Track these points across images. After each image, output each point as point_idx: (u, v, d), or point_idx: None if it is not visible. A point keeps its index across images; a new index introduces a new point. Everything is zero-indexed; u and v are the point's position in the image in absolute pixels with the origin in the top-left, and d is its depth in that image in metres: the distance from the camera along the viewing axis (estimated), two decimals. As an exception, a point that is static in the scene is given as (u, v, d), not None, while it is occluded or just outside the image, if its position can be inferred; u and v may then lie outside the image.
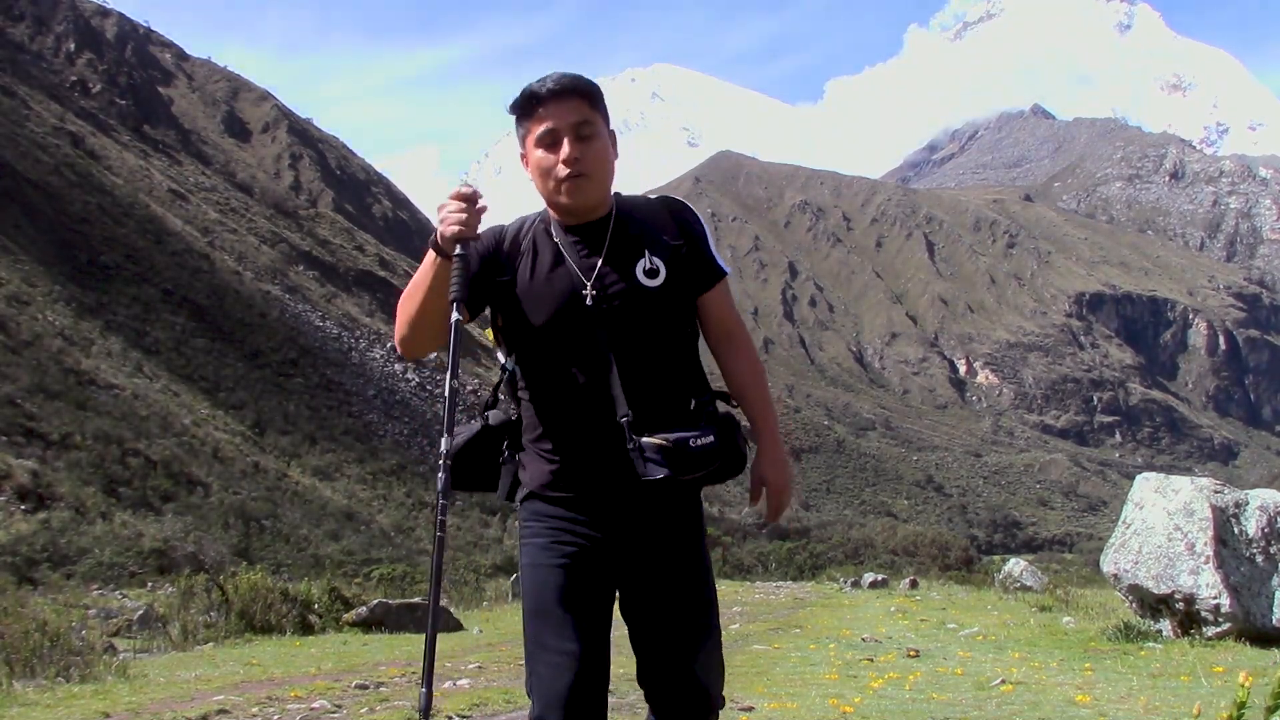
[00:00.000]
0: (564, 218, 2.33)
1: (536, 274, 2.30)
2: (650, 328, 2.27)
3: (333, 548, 28.44)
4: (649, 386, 2.26)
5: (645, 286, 2.27)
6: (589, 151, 2.27)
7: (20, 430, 25.24)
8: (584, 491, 2.29)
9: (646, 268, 2.28)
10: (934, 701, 5.18)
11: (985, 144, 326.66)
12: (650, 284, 2.27)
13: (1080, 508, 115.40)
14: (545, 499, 2.32)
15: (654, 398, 2.26)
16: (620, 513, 2.27)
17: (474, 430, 2.38)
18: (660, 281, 2.28)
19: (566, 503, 2.30)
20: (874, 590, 19.06)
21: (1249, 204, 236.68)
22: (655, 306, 2.27)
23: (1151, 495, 7.53)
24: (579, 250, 2.31)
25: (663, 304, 2.28)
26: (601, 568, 2.28)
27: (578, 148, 2.26)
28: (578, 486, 2.29)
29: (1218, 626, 6.95)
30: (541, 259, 2.32)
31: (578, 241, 2.32)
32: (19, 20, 73.36)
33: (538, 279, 2.30)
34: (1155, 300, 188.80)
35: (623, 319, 2.25)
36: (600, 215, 2.33)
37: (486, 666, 7.45)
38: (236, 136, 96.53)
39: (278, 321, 50.53)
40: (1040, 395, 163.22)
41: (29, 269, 39.00)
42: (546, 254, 2.32)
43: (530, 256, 2.33)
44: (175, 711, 5.26)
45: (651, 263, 2.28)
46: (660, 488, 2.22)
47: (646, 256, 2.29)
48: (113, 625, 10.82)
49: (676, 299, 2.30)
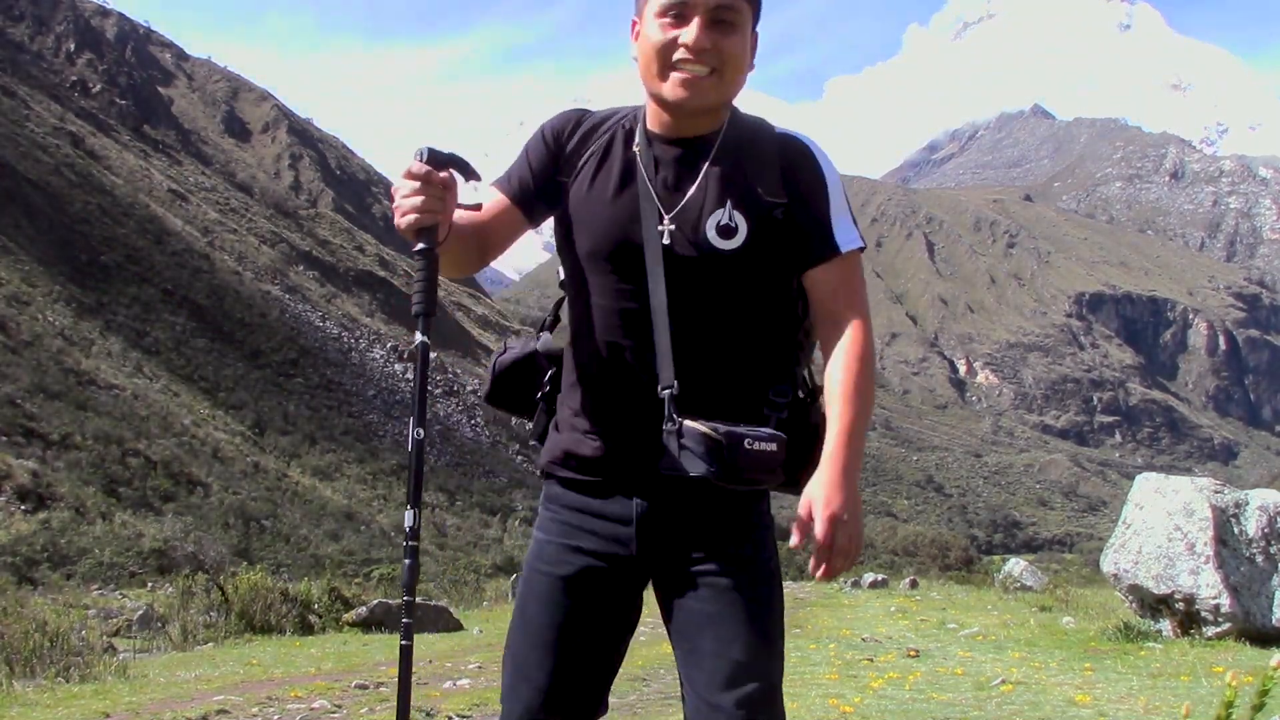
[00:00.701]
0: (659, 122, 1.82)
1: (596, 187, 1.82)
2: (722, 296, 1.77)
3: (333, 548, 28.45)
4: (710, 363, 1.77)
5: (714, 248, 1.75)
6: (724, 43, 1.74)
7: (20, 430, 25.25)
8: (609, 477, 1.82)
9: (721, 223, 1.75)
10: (934, 701, 5.18)
11: (985, 144, 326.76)
12: (722, 245, 1.75)
13: (1080, 508, 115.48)
14: (564, 482, 1.87)
15: (714, 378, 1.77)
16: (653, 514, 1.79)
17: (524, 350, 1.96)
18: (736, 244, 1.75)
19: (587, 489, 1.84)
20: (874, 590, 19.06)
21: (1249, 204, 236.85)
22: (724, 274, 1.76)
23: (1151, 495, 7.53)
24: (660, 172, 1.80)
25: (736, 273, 1.76)
26: (618, 584, 1.82)
27: (711, 34, 1.73)
28: (602, 469, 1.82)
29: (1218, 626, 6.95)
30: (609, 170, 1.83)
31: (663, 160, 1.80)
32: (19, 20, 73.40)
33: (596, 193, 1.82)
34: (1155, 300, 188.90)
35: (690, 275, 1.75)
36: (705, 131, 1.81)
37: (486, 666, 7.45)
38: (236, 136, 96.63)
39: (278, 321, 50.56)
40: (1040, 395, 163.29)
41: (29, 269, 39.01)
42: (616, 165, 1.82)
43: (597, 161, 1.84)
44: (175, 711, 5.26)
45: (731, 218, 1.76)
46: (696, 489, 1.73)
47: (727, 208, 1.76)
48: (113, 625, 10.82)
49: (756, 269, 1.77)
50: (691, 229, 1.76)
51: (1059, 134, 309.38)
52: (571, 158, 1.86)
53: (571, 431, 1.86)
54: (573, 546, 1.83)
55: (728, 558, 1.77)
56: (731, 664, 1.71)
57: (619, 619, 1.85)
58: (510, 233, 1.91)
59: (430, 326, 1.77)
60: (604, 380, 1.82)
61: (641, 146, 1.82)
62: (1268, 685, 1.02)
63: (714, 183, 1.78)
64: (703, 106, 1.77)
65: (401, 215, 1.71)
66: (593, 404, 1.83)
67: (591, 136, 1.87)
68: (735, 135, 1.81)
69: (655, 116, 1.83)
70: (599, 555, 1.81)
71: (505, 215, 1.88)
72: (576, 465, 1.85)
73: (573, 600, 1.81)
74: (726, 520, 1.79)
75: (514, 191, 1.88)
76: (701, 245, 1.75)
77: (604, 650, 1.84)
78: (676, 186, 1.78)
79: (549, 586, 1.83)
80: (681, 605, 1.78)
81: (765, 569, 1.80)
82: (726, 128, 1.81)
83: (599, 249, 1.80)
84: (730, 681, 1.70)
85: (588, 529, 1.83)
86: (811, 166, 1.80)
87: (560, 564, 1.83)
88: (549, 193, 1.87)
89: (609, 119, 1.88)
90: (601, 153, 1.85)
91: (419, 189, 1.70)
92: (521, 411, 1.98)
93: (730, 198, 1.76)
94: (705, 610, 1.76)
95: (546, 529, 1.87)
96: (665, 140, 1.81)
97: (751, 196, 1.77)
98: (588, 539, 1.82)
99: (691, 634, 1.77)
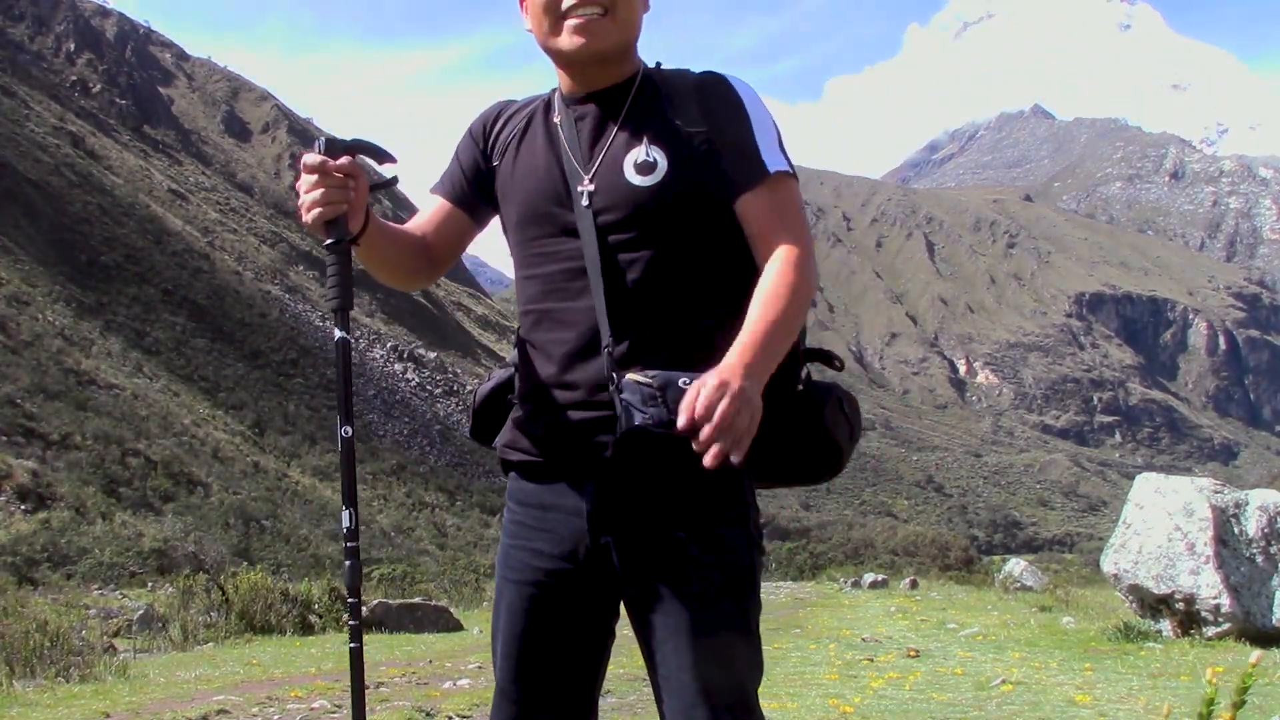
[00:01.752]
0: (569, 85, 1.76)
1: (520, 160, 1.78)
2: (654, 238, 1.67)
3: (333, 548, 28.43)
4: (654, 316, 1.66)
5: (634, 185, 1.67)
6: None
7: (20, 430, 25.26)
8: (555, 459, 1.71)
9: (639, 160, 1.68)
10: (934, 701, 5.18)
11: (985, 144, 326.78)
12: (641, 182, 1.67)
13: (1080, 508, 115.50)
14: (519, 469, 1.78)
15: (660, 332, 1.66)
16: (606, 502, 1.67)
17: (504, 375, 1.85)
18: (657, 179, 1.67)
19: (538, 474, 1.74)
20: (874, 590, 19.06)
21: (1249, 204, 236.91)
22: (649, 213, 1.66)
23: (1151, 495, 7.53)
24: (579, 131, 1.74)
25: (660, 210, 1.67)
26: (582, 588, 1.71)
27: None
28: (548, 449, 1.72)
29: (1218, 626, 6.95)
30: (532, 142, 1.78)
31: (581, 119, 1.74)
32: (19, 20, 73.40)
33: (521, 166, 1.77)
34: (1155, 300, 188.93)
35: (618, 225, 1.67)
36: (617, 81, 1.74)
37: (486, 667, 7.45)
38: (236, 136, 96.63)
39: (278, 321, 50.56)
40: (1040, 395, 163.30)
41: (29, 269, 39.02)
42: (539, 136, 1.77)
43: (519, 137, 1.80)
44: (175, 711, 5.26)
45: (648, 153, 1.68)
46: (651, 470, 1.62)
47: (645, 145, 1.68)
48: (113, 625, 10.81)
49: (684, 204, 1.67)
50: (614, 175, 1.68)
51: (1059, 134, 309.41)
52: (495, 144, 1.82)
53: (519, 411, 1.77)
54: (532, 549, 1.72)
55: (691, 556, 1.63)
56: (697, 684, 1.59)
57: (591, 625, 1.73)
58: (458, 237, 1.87)
59: (348, 321, 1.72)
60: (548, 355, 1.72)
61: (561, 113, 1.76)
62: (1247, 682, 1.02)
63: (630, 125, 1.71)
64: (603, 50, 1.69)
65: (305, 211, 1.64)
66: (538, 383, 1.73)
67: (514, 119, 1.82)
68: (651, 80, 1.74)
69: (565, 80, 1.77)
70: (557, 557, 1.70)
71: (449, 220, 1.84)
72: (525, 446, 1.75)
73: (536, 609, 1.71)
74: (691, 508, 1.64)
75: (451, 193, 1.85)
76: (621, 188, 1.67)
77: (578, 660, 1.73)
78: (597, 140, 1.72)
79: (514, 595, 1.74)
80: (643, 608, 1.65)
81: (738, 567, 1.65)
82: (641, 75, 1.75)
83: (527, 217, 1.74)
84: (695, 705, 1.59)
85: (544, 528, 1.72)
86: (729, 94, 1.71)
87: (522, 569, 1.73)
88: (484, 187, 1.82)
89: (531, 102, 1.84)
90: (523, 129, 1.80)
91: (317, 181, 1.64)
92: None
93: (647, 134, 1.69)
94: (667, 619, 1.62)
95: (508, 531, 1.78)
96: (580, 100, 1.75)
97: (670, 129, 1.69)
98: (545, 539, 1.72)
99: (653, 644, 1.65)
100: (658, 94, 1.73)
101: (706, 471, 1.46)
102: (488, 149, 1.83)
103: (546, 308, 1.72)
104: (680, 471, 1.60)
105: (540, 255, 1.73)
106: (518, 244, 1.77)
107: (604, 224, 1.67)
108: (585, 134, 1.73)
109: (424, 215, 1.86)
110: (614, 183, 1.68)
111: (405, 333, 60.96)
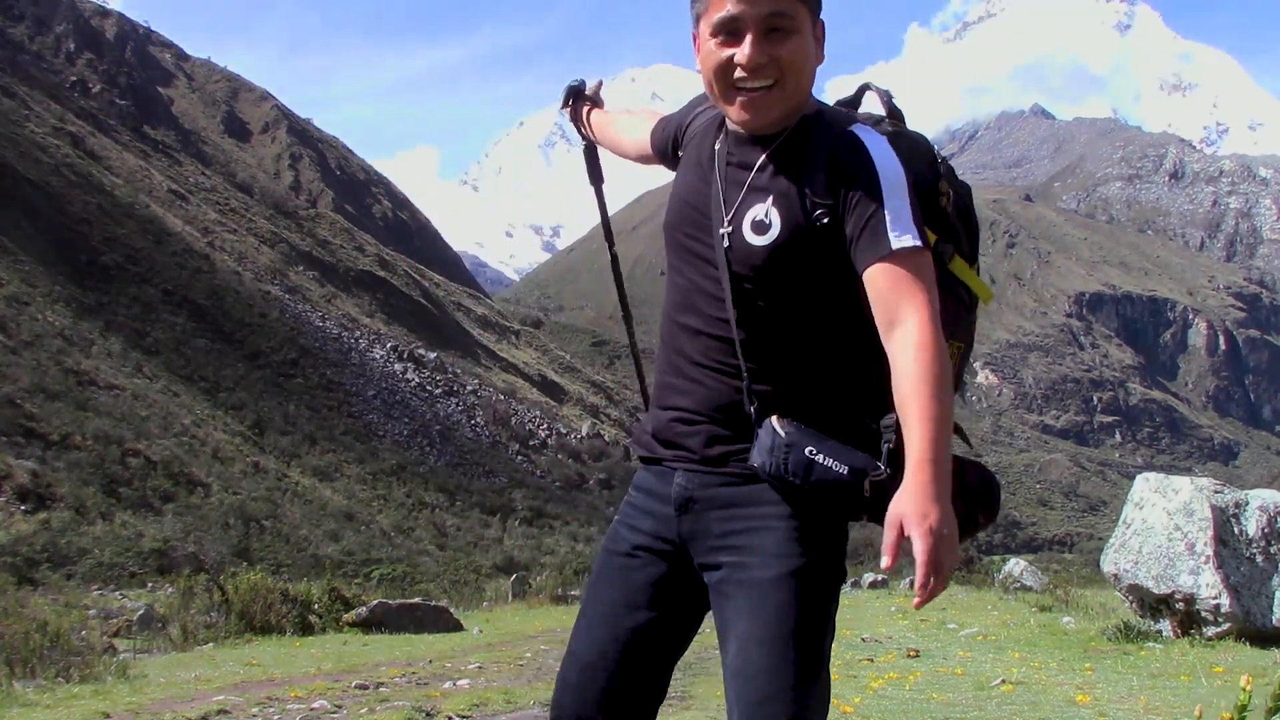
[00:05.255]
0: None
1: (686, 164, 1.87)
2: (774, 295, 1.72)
3: (333, 548, 28.42)
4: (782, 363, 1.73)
5: (749, 242, 1.71)
6: (781, 53, 1.69)
7: (20, 430, 25.25)
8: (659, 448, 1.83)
9: (757, 218, 1.71)
10: (934, 701, 5.17)
11: (985, 144, 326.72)
12: (755, 241, 1.71)
13: (1080, 508, 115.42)
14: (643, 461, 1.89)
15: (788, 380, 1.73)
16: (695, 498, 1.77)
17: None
18: (768, 242, 1.70)
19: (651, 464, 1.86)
20: (874, 590, 19.04)
21: (1249, 204, 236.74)
22: (761, 269, 1.71)
23: (1151, 495, 7.52)
24: (728, 171, 1.79)
25: (770, 268, 1.70)
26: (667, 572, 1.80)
27: (765, 48, 1.68)
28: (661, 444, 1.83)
29: (1218, 626, 6.95)
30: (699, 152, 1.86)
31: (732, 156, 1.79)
32: (19, 20, 73.38)
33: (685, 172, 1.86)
34: (1155, 300, 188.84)
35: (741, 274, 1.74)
36: (778, 128, 1.77)
37: (486, 666, 7.45)
38: (236, 137, 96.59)
39: (278, 322, 50.54)
40: (1040, 395, 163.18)
41: (29, 269, 39.00)
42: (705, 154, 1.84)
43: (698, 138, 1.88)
44: (175, 712, 5.26)
45: (767, 214, 1.71)
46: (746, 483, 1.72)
47: (767, 204, 1.71)
48: (113, 625, 10.82)
49: (793, 266, 1.70)
50: (739, 226, 1.74)
51: (1059, 134, 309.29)
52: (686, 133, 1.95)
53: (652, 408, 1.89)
54: (632, 525, 1.84)
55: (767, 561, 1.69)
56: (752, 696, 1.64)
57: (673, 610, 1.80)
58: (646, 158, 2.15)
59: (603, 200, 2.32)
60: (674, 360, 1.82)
61: (722, 143, 1.82)
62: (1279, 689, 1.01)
63: (762, 180, 1.74)
64: (766, 124, 1.74)
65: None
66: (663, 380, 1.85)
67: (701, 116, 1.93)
68: (798, 135, 1.76)
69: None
70: (651, 535, 1.81)
71: (643, 149, 2.14)
72: (646, 441, 1.86)
73: (624, 579, 1.81)
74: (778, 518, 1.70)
75: (654, 140, 2.09)
76: (738, 240, 1.72)
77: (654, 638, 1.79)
78: (739, 186, 1.77)
79: (605, 562, 1.86)
80: (717, 607, 1.75)
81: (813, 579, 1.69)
82: (794, 127, 1.76)
83: (676, 225, 1.84)
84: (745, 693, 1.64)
85: (646, 509, 1.83)
86: (863, 163, 1.69)
87: (619, 541, 1.85)
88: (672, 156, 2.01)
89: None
90: (701, 132, 1.89)
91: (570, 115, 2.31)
92: None
93: (773, 193, 1.72)
94: (735, 621, 1.69)
95: (621, 510, 1.90)
96: (739, 139, 1.80)
97: (793, 196, 1.71)
98: (645, 519, 1.83)
99: (722, 642, 1.72)
100: (802, 150, 1.74)
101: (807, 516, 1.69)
102: (683, 135, 1.96)
103: (682, 321, 1.81)
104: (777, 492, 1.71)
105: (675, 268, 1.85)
106: (666, 244, 1.88)
107: (734, 269, 1.73)
108: (732, 177, 1.78)
109: (638, 128, 2.15)
110: (738, 235, 1.74)
111: (405, 333, 60.94)
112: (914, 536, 1.53)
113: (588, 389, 75.41)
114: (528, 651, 8.53)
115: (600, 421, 65.80)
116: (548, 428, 57.36)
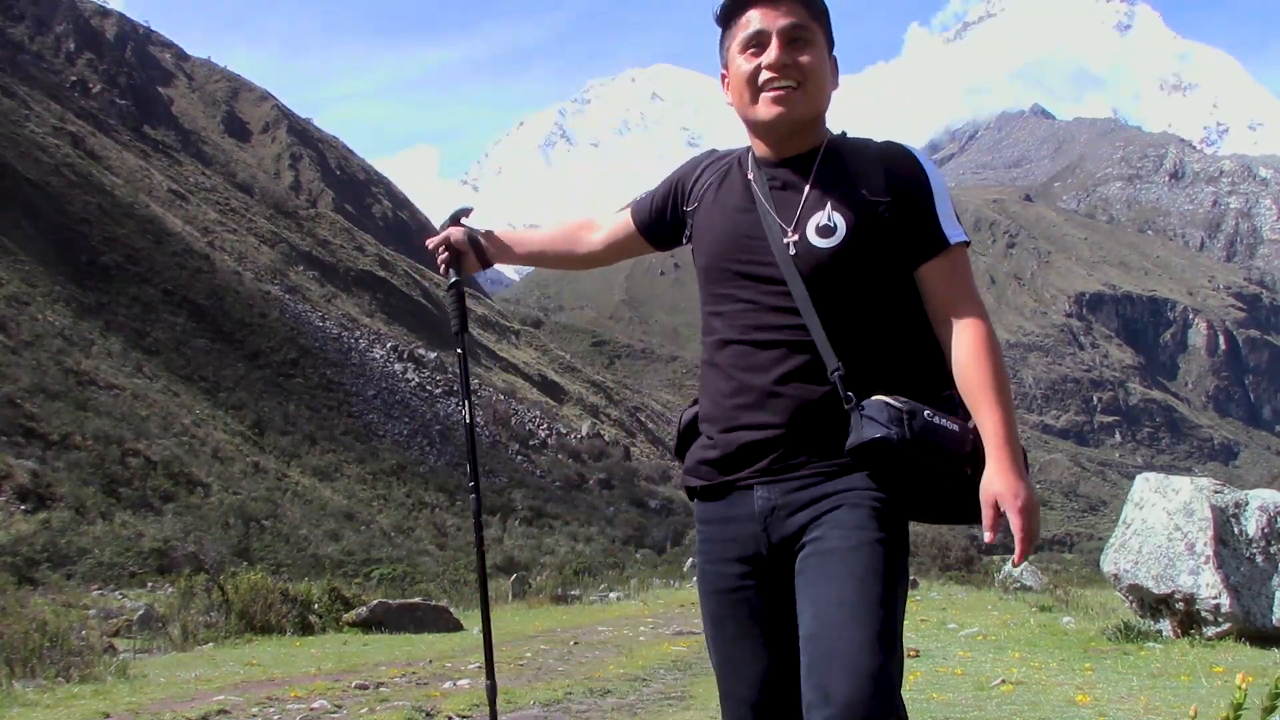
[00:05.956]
0: (764, 145, 1.99)
1: (716, 207, 2.01)
2: (844, 294, 1.89)
3: (333, 548, 28.42)
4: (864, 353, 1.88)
5: (815, 247, 1.88)
6: (803, 58, 1.92)
7: (20, 430, 25.24)
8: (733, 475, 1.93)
9: (820, 224, 1.89)
10: (934, 701, 5.17)
11: (985, 144, 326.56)
12: (821, 244, 1.88)
13: (1080, 508, 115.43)
14: (701, 494, 2.00)
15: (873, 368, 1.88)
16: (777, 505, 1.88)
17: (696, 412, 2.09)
18: (834, 243, 1.87)
19: (716, 493, 1.96)
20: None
21: (1249, 204, 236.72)
22: (829, 270, 1.87)
23: (1151, 495, 7.52)
24: (774, 192, 1.95)
25: (837, 268, 1.87)
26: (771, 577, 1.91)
27: (790, 52, 1.91)
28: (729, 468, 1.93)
29: (1218, 626, 6.95)
30: (730, 192, 2.01)
31: (774, 179, 1.96)
32: (19, 20, 73.38)
33: (717, 213, 2.00)
34: (1155, 300, 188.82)
35: (810, 277, 1.88)
36: (805, 150, 1.96)
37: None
38: (236, 136, 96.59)
39: (278, 321, 50.52)
40: (1040, 395, 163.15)
41: (29, 269, 39.00)
42: (736, 189, 2.00)
43: (716, 187, 2.04)
44: (175, 711, 5.26)
45: (830, 218, 1.88)
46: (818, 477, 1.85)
47: (827, 210, 1.89)
48: (113, 625, 10.81)
49: (860, 264, 1.88)
50: (803, 233, 1.90)
51: (1059, 134, 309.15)
52: (694, 189, 2.07)
53: (703, 440, 1.99)
54: (723, 559, 1.94)
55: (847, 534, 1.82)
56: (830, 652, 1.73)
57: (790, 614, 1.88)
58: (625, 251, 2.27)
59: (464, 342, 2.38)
60: (732, 379, 1.93)
61: (755, 172, 1.98)
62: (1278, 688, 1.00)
63: (817, 190, 1.92)
64: (795, 119, 1.92)
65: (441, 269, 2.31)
66: (720, 401, 1.95)
67: (711, 168, 2.08)
68: (837, 148, 1.96)
69: (759, 146, 2.00)
70: (744, 561, 1.92)
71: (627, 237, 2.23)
72: (704, 472, 1.97)
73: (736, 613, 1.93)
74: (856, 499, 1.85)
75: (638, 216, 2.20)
76: (804, 247, 1.88)
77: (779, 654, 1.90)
78: (788, 200, 1.93)
79: (714, 605, 1.95)
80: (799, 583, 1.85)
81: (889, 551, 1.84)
82: (828, 143, 1.97)
83: (720, 256, 1.96)
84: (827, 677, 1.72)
85: (728, 538, 1.93)
86: (914, 166, 1.92)
87: (717, 579, 1.95)
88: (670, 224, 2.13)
89: (727, 155, 2.09)
90: (720, 179, 2.04)
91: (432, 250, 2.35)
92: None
93: (831, 199, 1.90)
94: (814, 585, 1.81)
95: (700, 552, 2.00)
96: (773, 164, 1.97)
97: (853, 197, 1.89)
98: (731, 548, 1.93)
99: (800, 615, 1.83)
100: (842, 162, 1.94)
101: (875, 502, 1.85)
102: (688, 193, 2.09)
103: (750, 339, 1.92)
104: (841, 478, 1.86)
105: (727, 295, 1.95)
106: (709, 280, 2.00)
107: (805, 275, 1.88)
108: (781, 195, 1.94)
109: (611, 224, 2.26)
110: (804, 242, 1.90)
111: (405, 333, 60.92)
112: (1010, 513, 1.75)
113: (588, 389, 75.40)
114: (528, 651, 8.52)
115: (600, 421, 65.80)
116: (548, 427, 57.36)
